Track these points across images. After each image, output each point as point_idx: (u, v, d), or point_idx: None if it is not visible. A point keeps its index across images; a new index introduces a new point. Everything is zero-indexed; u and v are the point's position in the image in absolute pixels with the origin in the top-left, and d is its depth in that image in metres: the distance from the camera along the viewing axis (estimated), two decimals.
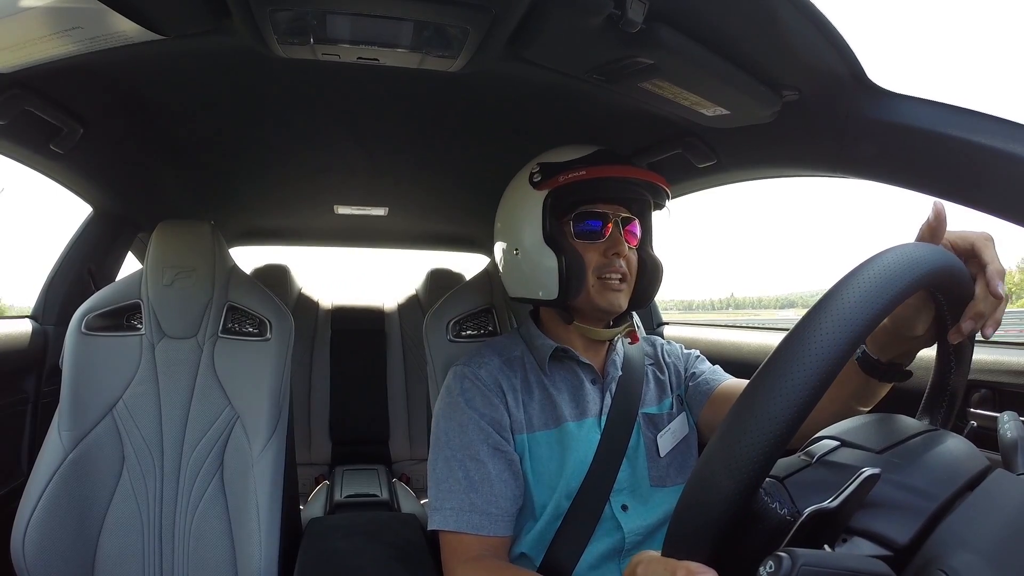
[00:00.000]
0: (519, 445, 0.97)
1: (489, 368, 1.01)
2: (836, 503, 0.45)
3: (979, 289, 0.60)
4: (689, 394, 1.09)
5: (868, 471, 0.46)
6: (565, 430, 0.97)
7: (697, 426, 1.07)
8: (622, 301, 1.00)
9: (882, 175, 0.94)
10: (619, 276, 0.98)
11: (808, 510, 0.45)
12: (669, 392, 1.08)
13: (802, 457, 0.55)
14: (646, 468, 0.99)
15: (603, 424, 0.99)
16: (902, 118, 0.84)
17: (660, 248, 1.08)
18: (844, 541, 0.47)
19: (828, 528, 0.45)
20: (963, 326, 0.61)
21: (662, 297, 1.18)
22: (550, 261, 0.96)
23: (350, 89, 1.08)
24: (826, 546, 0.45)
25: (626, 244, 0.99)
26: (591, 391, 1.02)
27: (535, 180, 0.99)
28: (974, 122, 0.79)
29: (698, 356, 1.15)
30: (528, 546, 0.96)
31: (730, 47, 0.81)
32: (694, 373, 1.10)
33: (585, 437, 0.97)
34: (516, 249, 1.02)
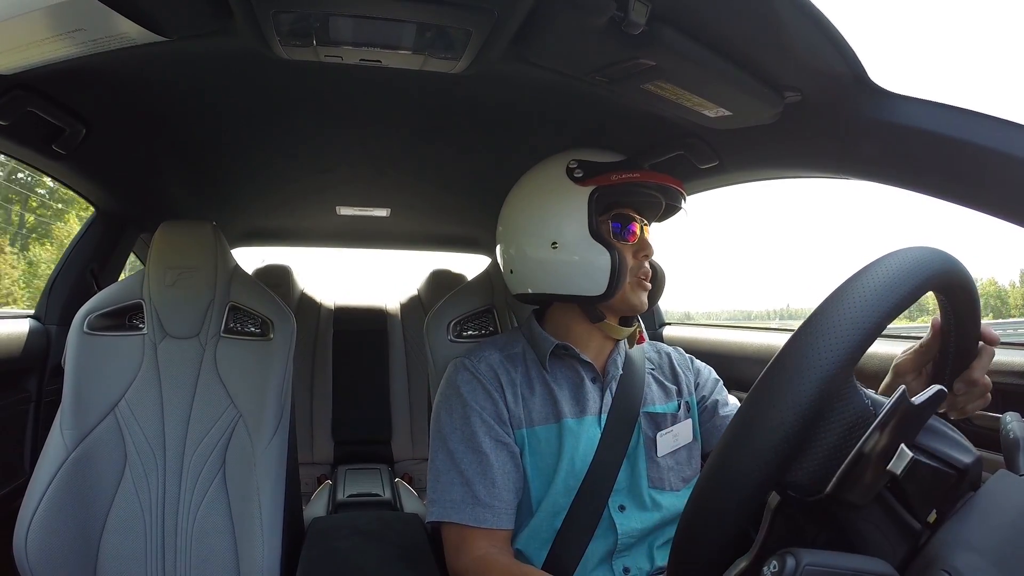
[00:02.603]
0: (518, 440, 0.97)
1: (489, 362, 1.02)
2: (920, 401, 0.47)
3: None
4: (701, 409, 1.09)
5: (936, 387, 0.48)
6: (565, 426, 0.97)
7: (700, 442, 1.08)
8: (647, 300, 1.03)
9: (884, 176, 0.94)
10: (647, 278, 1.01)
11: (901, 389, 0.47)
12: (675, 396, 1.07)
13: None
14: (644, 468, 0.98)
15: (603, 422, 0.99)
16: (904, 119, 0.84)
17: (724, 256, 1.10)
18: (914, 447, 0.48)
19: (906, 427, 0.47)
20: (955, 387, 0.65)
21: (723, 308, 1.19)
22: (601, 257, 0.96)
23: (352, 90, 1.09)
24: (903, 445, 0.46)
25: (652, 247, 1.02)
26: (591, 389, 1.02)
27: (576, 175, 0.98)
28: (977, 123, 0.79)
29: (715, 378, 1.14)
30: (523, 542, 0.96)
31: (732, 48, 0.81)
32: (712, 392, 1.10)
33: (585, 433, 0.97)
34: (554, 243, 0.99)
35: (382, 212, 1.98)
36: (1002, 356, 0.98)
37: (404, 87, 1.05)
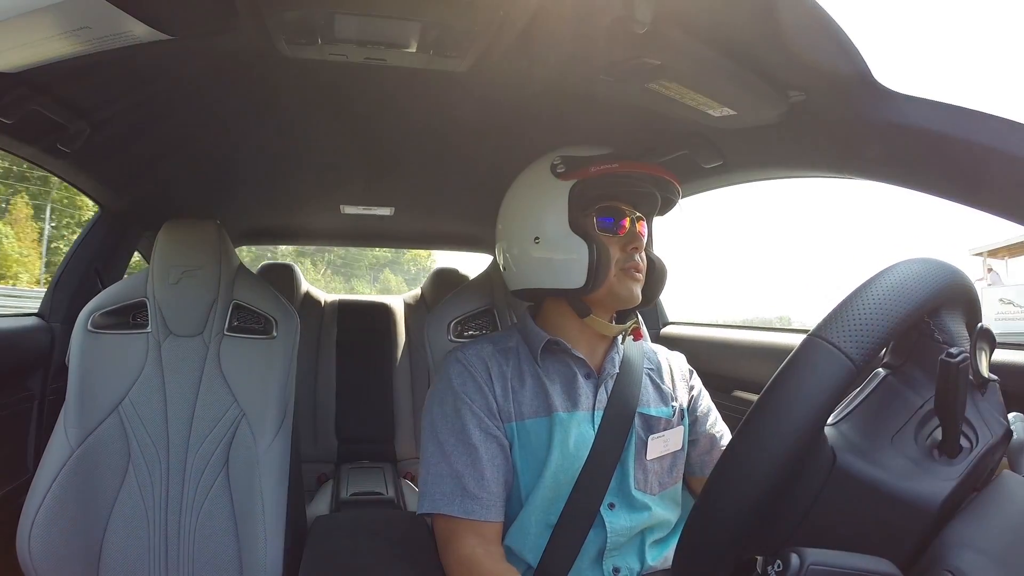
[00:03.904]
0: (508, 434, 0.97)
1: (480, 354, 1.02)
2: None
3: None
4: (692, 438, 1.08)
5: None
6: (556, 419, 0.97)
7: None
8: (640, 292, 1.01)
9: (888, 176, 0.94)
10: (637, 271, 1.00)
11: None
12: (671, 402, 1.06)
13: None
14: (632, 469, 0.98)
15: (598, 420, 0.98)
16: (908, 119, 0.84)
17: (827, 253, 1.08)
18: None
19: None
20: None
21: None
22: (579, 250, 0.96)
23: (357, 89, 1.09)
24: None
25: (643, 240, 1.01)
26: (584, 385, 1.01)
27: (559, 171, 0.99)
28: (981, 123, 0.78)
29: (709, 405, 1.13)
30: (512, 538, 0.96)
31: (736, 48, 0.81)
32: (707, 426, 1.09)
33: (576, 428, 0.97)
34: (537, 238, 1.00)
35: (386, 211, 1.98)
36: (1003, 356, 0.97)
37: (409, 85, 1.05)
